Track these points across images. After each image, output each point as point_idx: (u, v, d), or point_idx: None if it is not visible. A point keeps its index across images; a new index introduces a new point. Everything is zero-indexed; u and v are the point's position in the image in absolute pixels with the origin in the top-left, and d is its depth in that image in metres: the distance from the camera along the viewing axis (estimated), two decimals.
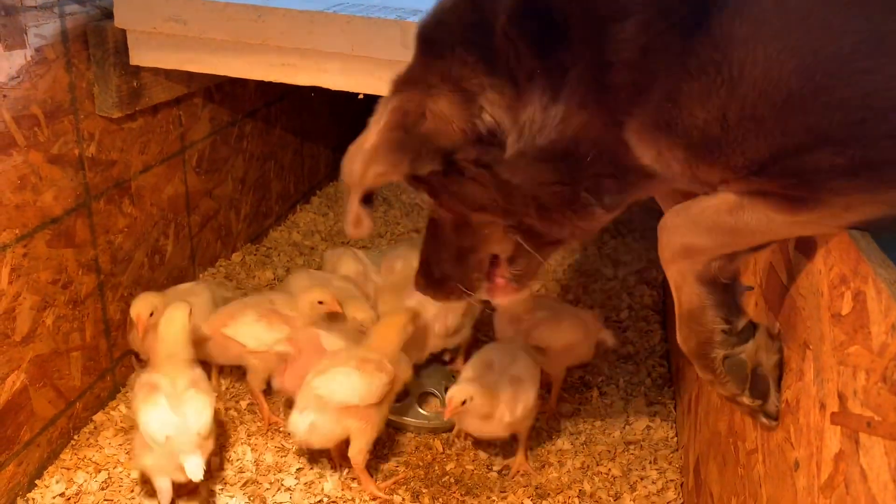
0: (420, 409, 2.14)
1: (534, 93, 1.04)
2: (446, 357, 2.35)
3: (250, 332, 2.04)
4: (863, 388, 0.80)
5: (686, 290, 1.06)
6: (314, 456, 1.97)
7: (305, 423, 1.79)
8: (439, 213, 1.26)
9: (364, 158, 1.12)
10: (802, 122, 0.88)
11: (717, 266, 1.04)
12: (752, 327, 1.10)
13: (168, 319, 1.88)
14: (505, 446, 2.03)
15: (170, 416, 1.68)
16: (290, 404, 1.97)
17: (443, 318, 2.17)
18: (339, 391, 1.80)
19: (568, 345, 2.09)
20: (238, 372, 2.21)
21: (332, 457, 1.94)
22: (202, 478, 1.65)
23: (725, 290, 1.06)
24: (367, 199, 1.21)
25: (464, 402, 1.80)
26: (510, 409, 1.86)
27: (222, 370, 2.24)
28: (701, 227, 1.03)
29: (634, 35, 0.95)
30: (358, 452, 1.84)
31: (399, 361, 1.95)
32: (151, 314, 1.96)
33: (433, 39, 1.11)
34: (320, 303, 2.10)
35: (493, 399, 1.85)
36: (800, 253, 1.08)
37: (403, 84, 1.13)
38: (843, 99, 0.85)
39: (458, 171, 1.12)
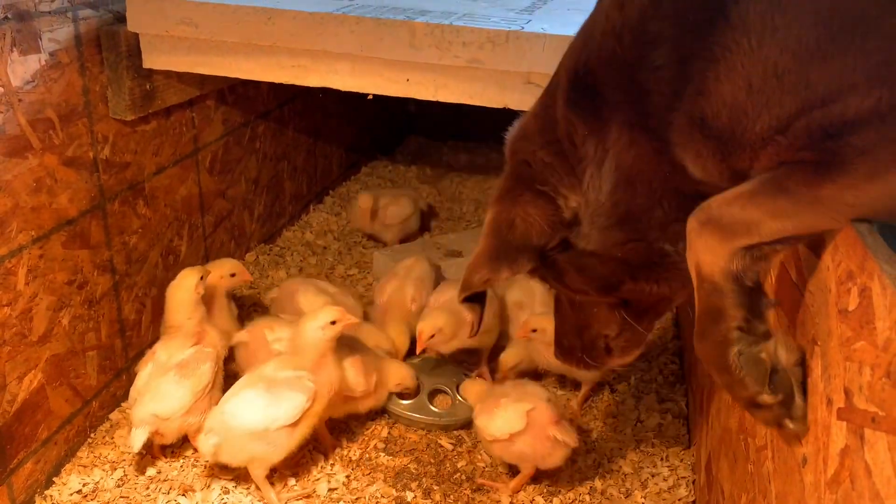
0: (431, 406, 2.15)
1: (587, 156, 1.14)
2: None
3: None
4: (868, 383, 0.80)
5: (708, 285, 1.03)
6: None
7: (209, 445, 1.75)
8: (559, 294, 1.41)
9: (469, 267, 1.29)
10: (826, 71, 0.88)
11: (741, 265, 1.00)
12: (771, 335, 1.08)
13: (175, 285, 1.98)
14: None
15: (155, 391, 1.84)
16: None
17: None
18: (242, 416, 1.75)
19: None
20: None
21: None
22: (137, 448, 1.80)
23: (749, 294, 1.03)
24: (478, 298, 1.39)
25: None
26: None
27: None
28: (729, 212, 1.00)
29: (667, 56, 1.00)
30: (258, 467, 1.79)
31: (327, 370, 1.85)
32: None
33: (518, 150, 1.26)
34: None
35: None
36: (808, 249, 1.08)
37: (499, 198, 1.27)
38: (866, 43, 0.85)
39: (552, 263, 1.25)
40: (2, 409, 1.69)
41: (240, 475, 1.90)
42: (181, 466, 1.93)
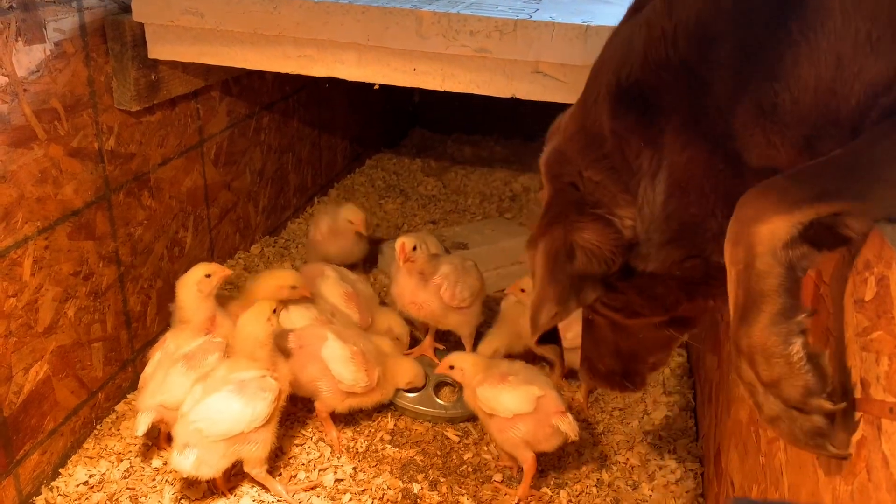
0: (437, 399, 2.15)
1: (642, 169, 1.10)
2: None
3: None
4: (885, 373, 0.79)
5: (759, 269, 0.90)
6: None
7: (189, 462, 1.68)
8: (594, 316, 1.34)
9: (534, 305, 1.20)
10: None
11: (797, 254, 0.89)
12: None
13: (184, 280, 1.98)
14: None
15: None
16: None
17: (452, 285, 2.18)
18: (220, 422, 1.70)
19: None
20: None
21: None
22: (141, 432, 1.80)
23: (797, 284, 0.91)
24: (552, 338, 1.34)
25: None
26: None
27: None
28: (797, 177, 0.91)
29: (731, 51, 0.98)
30: (253, 467, 1.78)
31: (278, 363, 1.85)
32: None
33: (560, 174, 1.19)
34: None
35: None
36: None
37: (546, 222, 1.20)
38: None
39: (611, 288, 1.19)
40: (8, 401, 1.68)
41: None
42: None
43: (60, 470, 1.87)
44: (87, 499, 1.79)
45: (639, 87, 1.08)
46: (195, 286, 1.97)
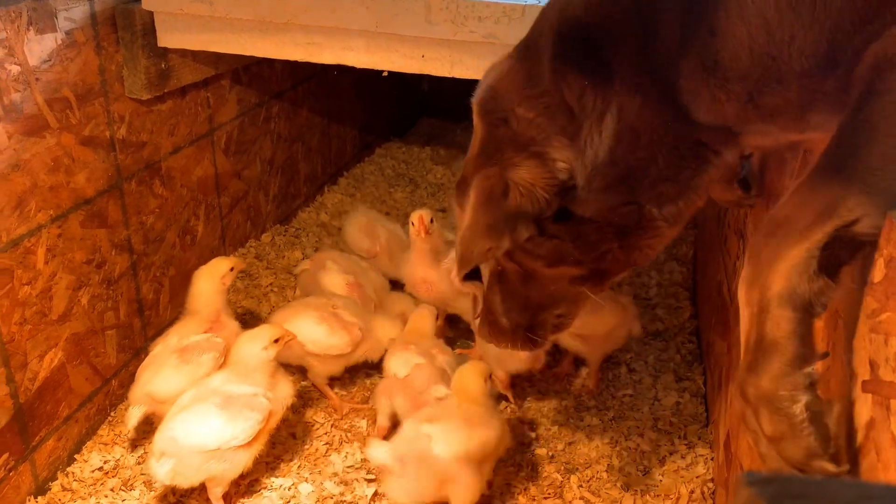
0: None
1: (586, 111, 1.07)
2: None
3: (310, 334, 2.01)
4: (894, 354, 0.79)
5: (774, 313, 0.86)
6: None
7: (164, 470, 1.63)
8: (506, 266, 1.31)
9: (464, 240, 1.17)
10: None
11: (815, 289, 0.85)
12: None
13: (202, 271, 2.00)
14: (535, 424, 2.04)
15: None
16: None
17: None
18: (196, 435, 1.64)
19: (610, 330, 2.08)
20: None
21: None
22: (131, 426, 1.81)
23: (811, 328, 0.87)
24: (474, 275, 1.32)
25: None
26: None
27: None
28: (802, 201, 0.86)
29: (676, 11, 0.97)
30: (216, 485, 1.69)
31: (279, 384, 1.79)
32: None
33: (493, 110, 1.16)
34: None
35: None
36: None
37: (480, 161, 1.18)
38: None
39: (542, 231, 1.17)
40: (24, 387, 1.71)
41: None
42: None
43: (76, 456, 1.89)
44: (102, 484, 1.82)
45: (587, 26, 1.06)
46: (219, 279, 1.99)
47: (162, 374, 1.83)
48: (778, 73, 0.91)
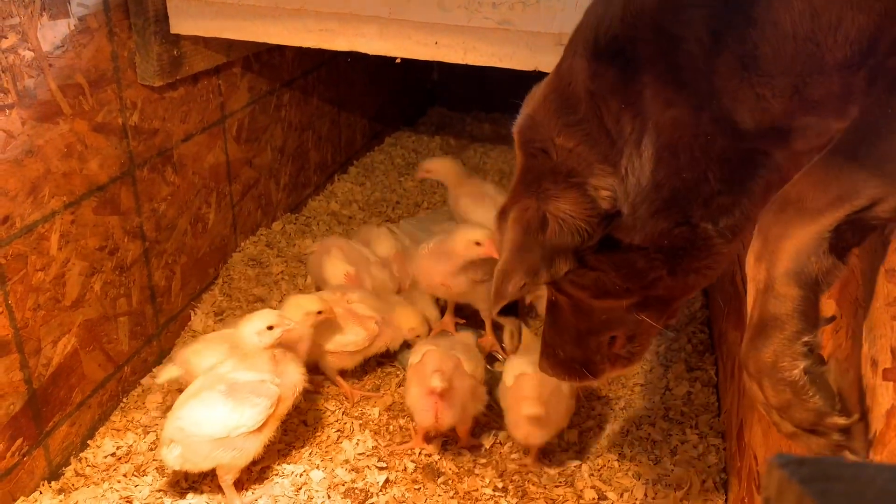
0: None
1: (623, 135, 1.04)
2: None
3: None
4: None
5: (779, 291, 0.87)
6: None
7: (173, 456, 1.65)
8: (557, 297, 1.28)
9: (500, 275, 1.13)
10: None
11: (822, 268, 0.85)
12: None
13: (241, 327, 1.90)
14: None
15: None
16: None
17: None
18: (202, 423, 1.64)
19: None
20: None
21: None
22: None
23: (815, 304, 0.88)
24: (512, 310, 1.31)
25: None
26: None
27: None
28: (816, 180, 0.86)
29: (704, 7, 0.94)
30: (226, 472, 1.70)
31: (288, 369, 1.77)
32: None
33: (532, 139, 1.13)
34: (319, 312, 1.94)
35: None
36: None
37: (518, 191, 1.14)
38: None
39: (583, 263, 1.13)
40: (37, 373, 1.71)
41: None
42: None
43: (89, 441, 1.90)
44: (115, 469, 1.83)
45: (617, 41, 1.02)
46: (255, 336, 1.75)
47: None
48: (821, 61, 0.88)
